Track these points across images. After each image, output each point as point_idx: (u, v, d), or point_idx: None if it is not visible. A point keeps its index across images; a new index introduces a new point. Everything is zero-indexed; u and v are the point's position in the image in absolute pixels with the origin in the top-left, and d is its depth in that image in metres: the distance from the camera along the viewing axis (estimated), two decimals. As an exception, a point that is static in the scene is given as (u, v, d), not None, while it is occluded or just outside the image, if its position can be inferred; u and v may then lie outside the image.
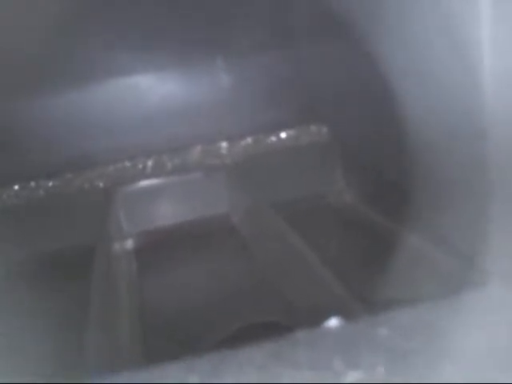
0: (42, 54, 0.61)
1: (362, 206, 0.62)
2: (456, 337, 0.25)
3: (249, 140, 0.68)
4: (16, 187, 0.65)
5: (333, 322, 0.24)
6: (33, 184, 0.65)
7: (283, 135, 0.69)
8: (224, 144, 0.68)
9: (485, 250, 0.36)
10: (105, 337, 0.45)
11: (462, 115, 0.38)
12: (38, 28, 0.59)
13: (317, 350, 0.22)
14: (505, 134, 0.34)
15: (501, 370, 0.23)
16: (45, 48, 0.60)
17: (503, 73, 0.34)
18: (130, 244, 0.64)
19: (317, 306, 0.44)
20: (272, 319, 0.46)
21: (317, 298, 0.46)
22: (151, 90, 0.66)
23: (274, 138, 0.68)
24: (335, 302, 0.39)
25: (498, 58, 0.34)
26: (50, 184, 0.65)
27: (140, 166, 0.67)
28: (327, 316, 0.26)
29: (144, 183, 0.66)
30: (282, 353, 0.22)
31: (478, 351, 0.24)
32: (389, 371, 0.21)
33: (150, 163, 0.67)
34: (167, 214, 0.65)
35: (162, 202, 0.65)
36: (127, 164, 0.67)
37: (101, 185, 0.66)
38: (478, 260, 0.37)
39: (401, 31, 0.44)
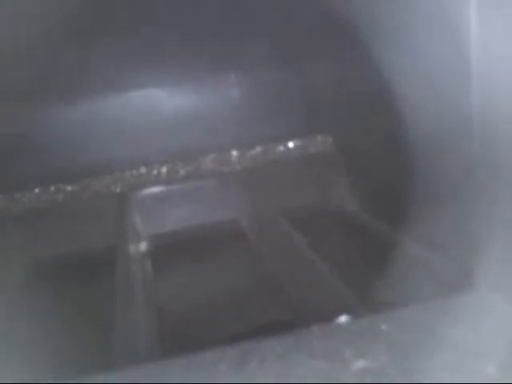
0: (65, 67, 0.64)
1: (364, 213, 0.65)
2: (447, 333, 0.29)
3: (258, 149, 0.71)
4: (37, 191, 0.68)
5: (343, 319, 0.27)
6: (53, 188, 0.68)
7: (291, 145, 0.72)
8: (234, 153, 0.71)
9: (476, 254, 0.38)
10: (125, 332, 0.47)
11: (464, 125, 0.40)
12: (59, 43, 0.62)
13: (330, 342, 0.26)
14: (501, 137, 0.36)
15: (485, 363, 0.26)
16: (68, 62, 0.63)
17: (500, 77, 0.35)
18: (144, 246, 0.66)
19: (323, 306, 0.47)
20: (280, 319, 0.48)
21: (322, 299, 0.48)
22: (166, 102, 0.70)
23: (282, 148, 0.71)
24: (340, 302, 0.42)
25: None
26: (69, 188, 0.68)
27: (155, 173, 0.70)
28: (333, 315, 0.30)
29: (158, 189, 0.69)
30: (300, 344, 0.26)
31: (466, 346, 0.27)
32: (390, 360, 0.25)
33: (164, 170, 0.70)
34: (180, 218, 0.68)
35: (176, 206, 0.68)
36: (143, 170, 0.70)
37: (117, 190, 0.69)
38: (470, 264, 0.39)
39: (403, 44, 0.46)
